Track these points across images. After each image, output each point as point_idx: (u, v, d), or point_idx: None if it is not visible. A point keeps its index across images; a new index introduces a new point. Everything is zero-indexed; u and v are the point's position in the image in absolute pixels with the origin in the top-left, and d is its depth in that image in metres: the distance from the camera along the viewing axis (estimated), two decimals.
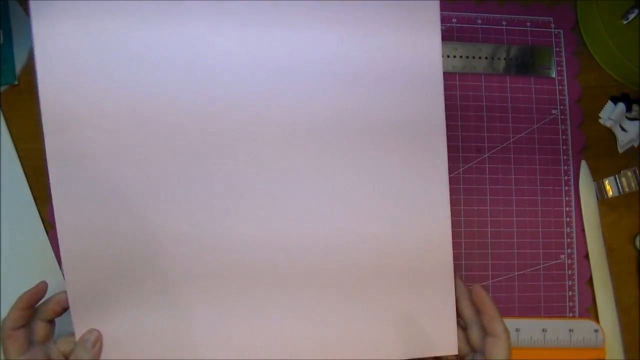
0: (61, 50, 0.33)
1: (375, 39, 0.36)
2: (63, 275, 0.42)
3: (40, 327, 0.36)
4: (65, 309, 0.36)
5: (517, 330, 0.42)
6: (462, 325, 0.36)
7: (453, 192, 0.44)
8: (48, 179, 0.35)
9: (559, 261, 0.44)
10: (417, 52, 0.36)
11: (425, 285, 0.36)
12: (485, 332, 0.35)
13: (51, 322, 0.37)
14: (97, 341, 0.35)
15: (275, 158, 0.35)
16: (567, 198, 0.45)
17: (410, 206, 0.36)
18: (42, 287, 0.37)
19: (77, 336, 0.35)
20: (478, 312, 0.35)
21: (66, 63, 0.33)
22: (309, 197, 0.35)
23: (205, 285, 0.35)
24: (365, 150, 0.36)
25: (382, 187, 0.36)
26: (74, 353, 0.35)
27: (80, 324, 0.35)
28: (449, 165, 0.45)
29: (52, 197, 0.34)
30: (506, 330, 0.34)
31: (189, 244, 0.35)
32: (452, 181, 0.45)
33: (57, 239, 0.43)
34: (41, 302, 0.36)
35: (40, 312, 0.36)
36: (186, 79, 0.34)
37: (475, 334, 0.35)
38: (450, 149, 0.45)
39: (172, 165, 0.34)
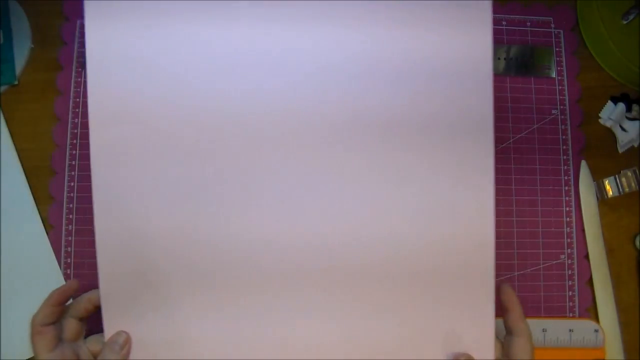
0: (111, 50, 0.34)
1: (426, 36, 0.35)
2: (63, 276, 0.42)
3: (70, 325, 0.36)
4: (98, 308, 0.35)
5: None
6: None
7: None
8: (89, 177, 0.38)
9: (559, 261, 0.44)
10: (467, 51, 0.36)
11: (465, 289, 0.35)
12: (509, 332, 0.35)
13: (82, 320, 0.37)
14: (126, 343, 0.35)
15: (319, 158, 0.35)
16: (567, 198, 0.45)
17: (453, 207, 0.35)
18: (73, 285, 0.36)
19: (107, 336, 0.35)
20: (504, 310, 0.35)
21: (115, 62, 0.34)
22: (351, 198, 0.35)
23: (238, 287, 0.35)
24: (410, 149, 0.35)
25: (425, 187, 0.35)
26: (102, 354, 0.34)
27: (111, 323, 0.35)
28: None
29: (93, 192, 0.34)
30: (529, 330, 0.35)
31: (223, 245, 0.35)
32: None
33: (57, 239, 0.43)
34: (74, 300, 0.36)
35: (72, 310, 0.36)
36: (227, 79, 0.34)
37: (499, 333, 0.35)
38: None
39: (210, 165, 0.34)
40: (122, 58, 0.34)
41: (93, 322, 0.37)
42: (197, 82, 0.34)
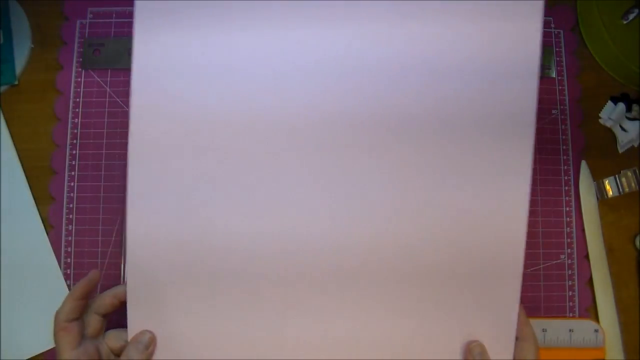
0: (156, 56, 0.35)
1: (472, 35, 0.35)
2: (63, 276, 0.42)
3: (93, 321, 0.35)
4: (124, 303, 0.35)
5: None
6: None
7: None
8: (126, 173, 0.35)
9: (559, 261, 0.44)
10: (514, 51, 0.35)
11: (491, 290, 0.35)
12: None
13: (105, 316, 0.36)
14: (151, 343, 0.34)
15: (358, 159, 0.35)
16: (567, 198, 0.45)
17: (487, 209, 0.35)
18: (95, 276, 0.36)
19: (131, 333, 0.34)
20: None
21: (159, 66, 0.35)
22: (389, 199, 0.35)
23: (266, 287, 0.35)
24: (447, 149, 0.35)
25: (459, 188, 0.35)
26: (125, 353, 0.34)
27: (135, 319, 0.35)
28: None
29: (128, 187, 0.35)
30: (534, 334, 0.36)
31: (252, 245, 0.35)
32: None
33: (57, 239, 0.43)
34: (97, 295, 0.36)
35: (96, 305, 0.35)
36: (262, 83, 0.35)
37: None
38: None
39: (244, 167, 0.35)
40: (166, 61, 0.35)
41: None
42: (234, 86, 0.35)
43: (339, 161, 0.35)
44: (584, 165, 0.45)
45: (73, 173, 0.44)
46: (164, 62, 0.35)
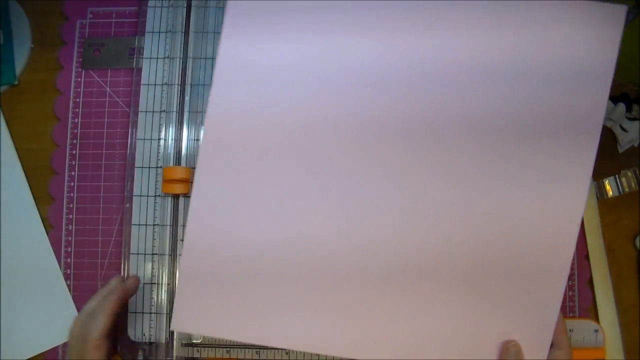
0: (237, 62, 0.36)
1: (550, 37, 0.36)
2: (63, 275, 0.43)
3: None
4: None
5: None
6: None
7: None
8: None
9: None
10: (592, 55, 0.36)
11: (533, 293, 0.35)
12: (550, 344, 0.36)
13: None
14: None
15: (419, 159, 0.36)
16: None
17: (542, 210, 0.35)
18: (128, 290, 0.37)
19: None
20: None
21: (238, 73, 0.36)
22: (437, 197, 0.36)
23: (318, 287, 0.35)
24: (512, 149, 0.35)
25: (517, 188, 0.35)
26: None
27: (179, 323, 0.35)
28: None
29: (193, 191, 0.36)
30: (570, 344, 0.36)
31: (310, 246, 0.35)
32: None
33: (57, 239, 0.43)
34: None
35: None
36: (332, 92, 0.36)
37: None
38: None
39: (308, 171, 0.36)
40: (245, 71, 0.36)
41: None
42: (305, 95, 0.36)
43: (393, 163, 0.36)
44: None
45: (73, 173, 0.44)
46: (242, 69, 0.36)
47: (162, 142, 0.43)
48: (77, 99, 0.45)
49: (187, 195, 0.43)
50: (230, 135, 0.36)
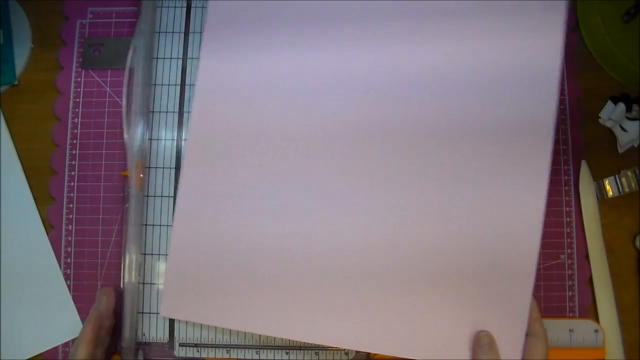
0: (216, 75, 0.40)
1: (496, 42, 0.38)
2: (63, 275, 0.43)
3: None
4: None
5: None
6: None
7: None
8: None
9: (559, 261, 0.44)
10: (536, 56, 0.38)
11: (502, 292, 0.37)
12: (526, 332, 0.36)
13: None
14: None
15: (389, 164, 0.38)
16: (567, 198, 0.45)
17: (502, 212, 0.37)
18: (101, 313, 0.38)
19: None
20: None
21: (218, 84, 0.40)
22: (411, 201, 0.38)
23: (299, 288, 0.38)
24: (469, 153, 0.38)
25: (478, 190, 0.38)
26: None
27: (167, 309, 0.39)
28: None
29: (178, 195, 0.39)
30: (545, 332, 0.36)
31: (285, 249, 0.38)
32: None
33: (57, 239, 0.43)
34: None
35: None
36: (307, 100, 0.39)
37: None
38: None
39: (288, 172, 0.39)
40: (224, 84, 0.40)
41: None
42: (278, 101, 0.39)
43: (369, 167, 0.38)
44: (584, 165, 0.45)
45: (73, 173, 0.44)
46: (223, 81, 0.40)
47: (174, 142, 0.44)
48: (77, 99, 0.45)
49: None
50: (213, 138, 0.39)
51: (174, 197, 0.42)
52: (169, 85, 0.44)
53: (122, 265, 0.42)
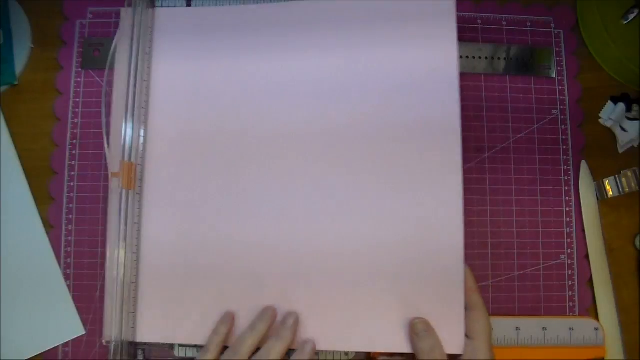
0: (169, 80, 0.43)
1: (394, 49, 0.41)
2: (63, 276, 0.42)
3: None
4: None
5: (517, 329, 0.42)
6: None
7: None
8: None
9: (559, 261, 0.44)
10: (433, 58, 0.41)
11: (436, 287, 0.38)
12: (465, 307, 0.37)
13: None
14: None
15: (319, 168, 0.41)
16: (567, 198, 0.45)
17: (423, 209, 0.39)
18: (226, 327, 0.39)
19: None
20: None
21: (170, 90, 0.42)
22: (335, 204, 0.40)
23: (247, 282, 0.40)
24: (385, 156, 0.40)
25: (398, 191, 0.40)
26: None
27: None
28: None
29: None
30: (483, 302, 0.37)
31: (241, 246, 0.40)
32: None
33: (57, 239, 0.43)
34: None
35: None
36: (256, 103, 0.42)
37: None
38: None
39: (239, 177, 0.41)
40: (178, 87, 0.42)
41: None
42: (237, 107, 0.42)
43: (305, 170, 0.41)
44: (584, 165, 0.45)
45: (73, 173, 0.44)
46: (179, 85, 0.42)
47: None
48: (77, 99, 0.45)
49: None
50: (173, 140, 0.42)
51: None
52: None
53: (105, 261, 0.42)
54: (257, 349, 0.37)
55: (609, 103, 0.46)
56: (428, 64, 0.41)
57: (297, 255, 0.40)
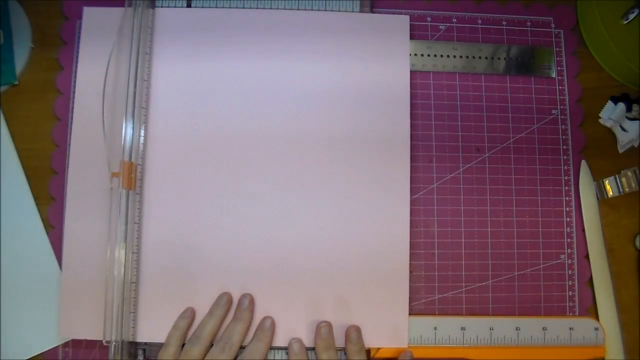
0: (169, 80, 0.44)
1: (355, 62, 0.44)
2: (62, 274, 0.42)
3: None
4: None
5: (517, 329, 0.42)
6: None
7: (453, 191, 0.45)
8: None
9: (559, 261, 0.44)
10: (388, 72, 0.44)
11: (384, 284, 0.41)
12: None
13: None
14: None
15: (283, 173, 0.43)
16: (567, 198, 0.45)
17: (376, 212, 0.42)
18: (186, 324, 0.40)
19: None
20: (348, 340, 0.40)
21: (170, 90, 0.43)
22: (299, 205, 0.42)
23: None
24: (344, 164, 0.43)
25: (354, 196, 0.42)
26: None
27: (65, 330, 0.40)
28: (448, 165, 0.45)
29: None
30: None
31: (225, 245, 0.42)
32: (452, 181, 0.45)
33: (57, 239, 0.43)
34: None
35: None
36: (239, 107, 0.43)
37: None
38: (450, 148, 0.45)
39: (224, 176, 0.42)
40: (175, 90, 0.43)
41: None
42: (236, 107, 0.43)
43: (271, 174, 0.43)
44: (584, 165, 0.45)
45: (73, 173, 0.44)
46: (179, 85, 0.43)
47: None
48: (77, 99, 0.44)
49: None
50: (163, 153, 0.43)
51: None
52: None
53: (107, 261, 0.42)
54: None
55: (609, 103, 0.46)
56: (383, 78, 0.43)
57: (279, 256, 0.42)
